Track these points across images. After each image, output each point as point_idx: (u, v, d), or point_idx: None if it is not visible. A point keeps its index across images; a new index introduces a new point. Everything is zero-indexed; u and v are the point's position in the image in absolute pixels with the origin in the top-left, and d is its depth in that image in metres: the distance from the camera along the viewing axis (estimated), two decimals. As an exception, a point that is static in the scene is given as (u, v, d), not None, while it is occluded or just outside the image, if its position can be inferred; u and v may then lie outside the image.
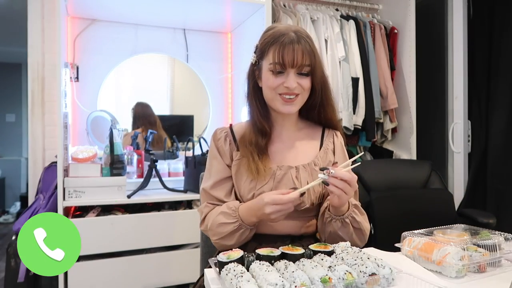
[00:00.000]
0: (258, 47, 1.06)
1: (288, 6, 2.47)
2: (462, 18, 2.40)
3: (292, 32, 1.00)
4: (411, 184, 1.87)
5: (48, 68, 2.26)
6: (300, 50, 0.98)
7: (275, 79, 1.01)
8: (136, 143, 2.30)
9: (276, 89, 1.01)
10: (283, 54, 0.98)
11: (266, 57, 1.02)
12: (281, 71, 1.00)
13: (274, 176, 1.05)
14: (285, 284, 0.66)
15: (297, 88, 1.01)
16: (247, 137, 1.08)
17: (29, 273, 1.79)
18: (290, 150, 1.11)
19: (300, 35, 1.00)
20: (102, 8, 2.20)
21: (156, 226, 1.92)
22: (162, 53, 2.54)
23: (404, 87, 2.58)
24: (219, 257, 0.78)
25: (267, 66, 1.02)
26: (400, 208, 1.78)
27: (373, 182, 1.83)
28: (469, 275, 0.84)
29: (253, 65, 1.08)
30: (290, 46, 0.98)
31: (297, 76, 1.00)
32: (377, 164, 2.09)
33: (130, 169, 2.13)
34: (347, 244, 0.84)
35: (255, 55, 1.07)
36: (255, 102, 1.09)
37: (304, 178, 1.05)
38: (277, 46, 0.99)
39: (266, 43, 1.02)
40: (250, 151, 1.05)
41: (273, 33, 1.02)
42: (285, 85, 1.00)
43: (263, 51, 1.03)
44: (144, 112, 2.49)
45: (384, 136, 2.63)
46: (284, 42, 0.98)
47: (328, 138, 1.15)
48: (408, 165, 2.01)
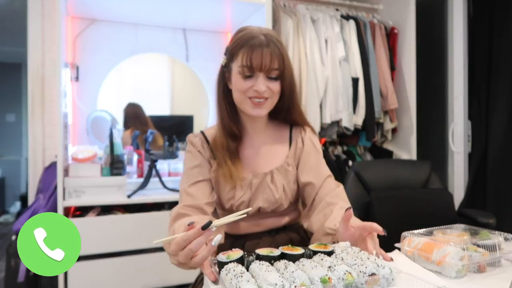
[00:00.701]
0: (228, 49, 1.05)
1: (288, 6, 2.47)
2: (462, 18, 2.40)
3: (262, 35, 0.99)
4: (411, 184, 1.86)
5: (48, 68, 2.26)
6: (268, 54, 0.97)
7: (244, 83, 0.99)
8: (136, 143, 2.30)
9: (246, 92, 1.00)
10: (251, 57, 0.97)
11: (236, 60, 1.01)
12: (250, 75, 0.99)
13: (251, 185, 1.06)
14: (284, 284, 0.65)
15: (266, 92, 1.00)
16: (218, 140, 1.07)
17: (29, 273, 1.79)
18: (262, 155, 1.10)
19: (270, 38, 0.99)
20: (102, 8, 2.20)
21: (156, 226, 1.92)
22: (162, 53, 2.54)
23: (404, 87, 2.58)
24: (218, 257, 0.77)
25: (236, 69, 1.00)
26: (400, 208, 1.77)
27: (373, 182, 1.82)
28: (469, 275, 0.84)
29: (223, 67, 1.07)
30: (259, 50, 0.97)
31: (266, 79, 0.99)
32: (377, 164, 2.08)
33: (130, 169, 2.13)
34: (347, 244, 0.84)
35: (225, 57, 1.05)
36: (224, 105, 1.07)
37: (279, 182, 1.06)
38: (246, 49, 0.98)
39: (235, 46, 1.01)
40: (222, 155, 1.05)
41: (243, 35, 1.01)
42: (254, 88, 0.98)
43: (232, 54, 1.02)
44: (134, 112, 2.49)
45: (384, 136, 2.63)
46: (253, 45, 0.97)
47: (295, 135, 1.14)
48: (408, 165, 2.00)
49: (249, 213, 0.99)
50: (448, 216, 1.77)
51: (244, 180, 1.06)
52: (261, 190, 1.06)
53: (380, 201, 1.76)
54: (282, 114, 1.12)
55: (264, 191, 1.06)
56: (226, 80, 1.07)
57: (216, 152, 1.07)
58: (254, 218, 1.09)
